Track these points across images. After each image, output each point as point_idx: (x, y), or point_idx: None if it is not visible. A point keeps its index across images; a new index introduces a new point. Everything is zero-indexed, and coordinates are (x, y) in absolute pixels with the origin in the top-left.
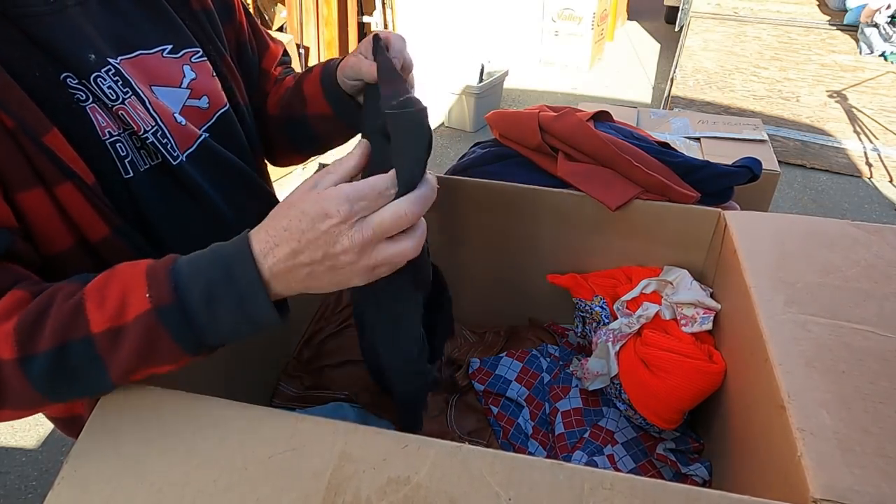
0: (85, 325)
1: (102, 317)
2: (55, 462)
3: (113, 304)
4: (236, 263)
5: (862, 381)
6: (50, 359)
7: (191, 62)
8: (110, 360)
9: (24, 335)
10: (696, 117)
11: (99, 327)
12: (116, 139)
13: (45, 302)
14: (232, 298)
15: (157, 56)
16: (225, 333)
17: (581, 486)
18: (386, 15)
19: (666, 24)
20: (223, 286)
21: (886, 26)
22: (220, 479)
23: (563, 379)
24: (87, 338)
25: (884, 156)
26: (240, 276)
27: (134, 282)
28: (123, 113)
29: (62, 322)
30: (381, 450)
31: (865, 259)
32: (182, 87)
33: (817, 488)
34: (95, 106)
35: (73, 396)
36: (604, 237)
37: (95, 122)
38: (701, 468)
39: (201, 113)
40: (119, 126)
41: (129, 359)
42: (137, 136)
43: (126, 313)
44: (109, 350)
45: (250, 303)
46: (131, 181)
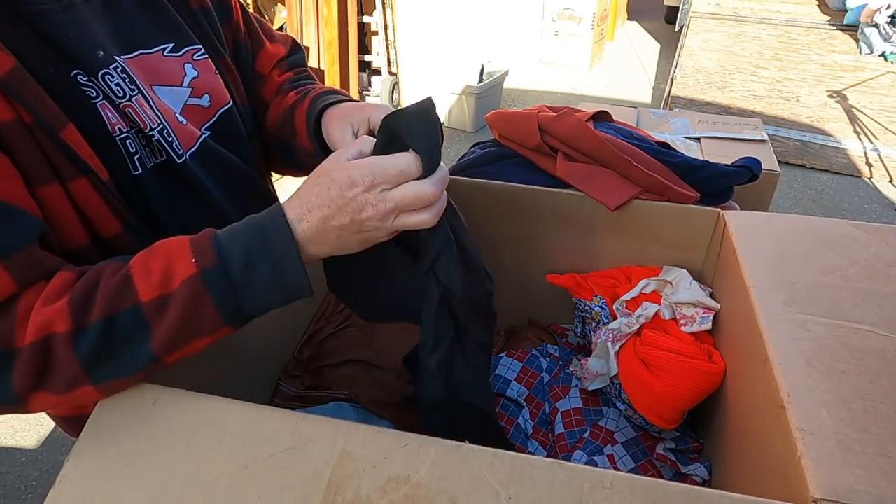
0: (133, 295)
1: (150, 286)
2: (55, 462)
3: (159, 275)
4: (271, 229)
5: (862, 380)
6: (99, 330)
7: (192, 60)
8: (156, 328)
9: (77, 309)
10: (696, 117)
11: (147, 296)
12: (126, 136)
13: (92, 279)
14: (268, 261)
15: (157, 55)
16: (260, 300)
17: (581, 486)
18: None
19: (666, 24)
20: (260, 250)
21: (886, 26)
22: (220, 477)
23: (563, 379)
24: (135, 306)
25: (884, 156)
26: (275, 240)
27: (179, 251)
28: (130, 110)
29: (110, 294)
30: (381, 448)
31: (865, 259)
32: (183, 86)
33: (817, 488)
34: (105, 103)
35: (111, 375)
36: (603, 237)
37: (106, 118)
38: (701, 468)
39: (203, 111)
40: (127, 123)
41: (173, 326)
42: (144, 133)
43: (172, 281)
44: (156, 317)
45: (285, 265)
46: (140, 178)
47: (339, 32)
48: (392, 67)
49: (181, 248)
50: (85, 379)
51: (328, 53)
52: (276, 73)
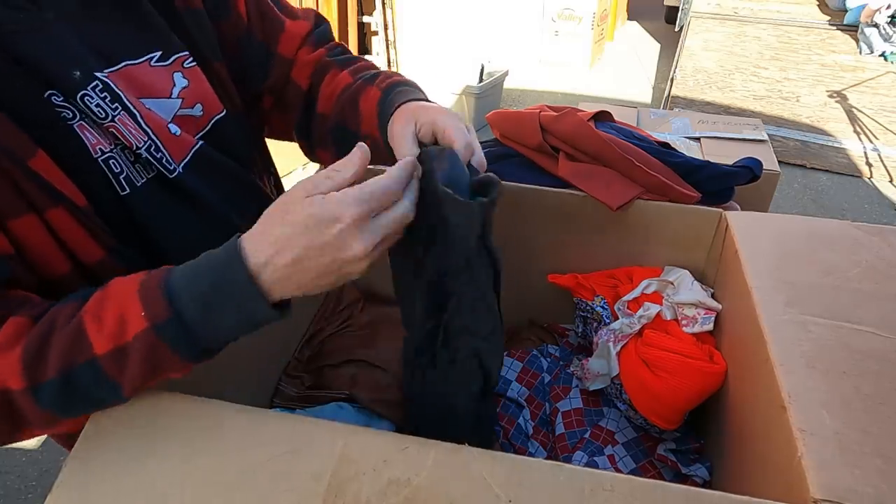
0: (88, 347)
1: (104, 338)
2: (55, 462)
3: (112, 324)
4: (230, 272)
5: (862, 381)
6: (58, 384)
7: (182, 68)
8: (120, 378)
9: (31, 365)
10: (696, 117)
11: (102, 349)
12: (109, 155)
13: (46, 328)
14: (230, 305)
15: (144, 66)
16: (225, 337)
17: (581, 488)
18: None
19: (666, 24)
20: (219, 295)
21: (886, 26)
22: (219, 480)
23: (564, 379)
24: (92, 360)
25: (884, 156)
26: (234, 284)
27: (128, 301)
28: (114, 130)
29: (65, 347)
30: (381, 451)
31: (866, 259)
32: (173, 98)
33: (817, 488)
34: (84, 123)
35: (90, 411)
36: (605, 237)
37: (85, 139)
38: (701, 468)
39: (195, 121)
40: (111, 142)
41: (138, 374)
42: (131, 150)
43: (126, 332)
44: (117, 369)
45: (249, 308)
46: (128, 198)
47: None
48: (392, 67)
49: (130, 297)
50: (63, 416)
51: None
52: (305, 51)
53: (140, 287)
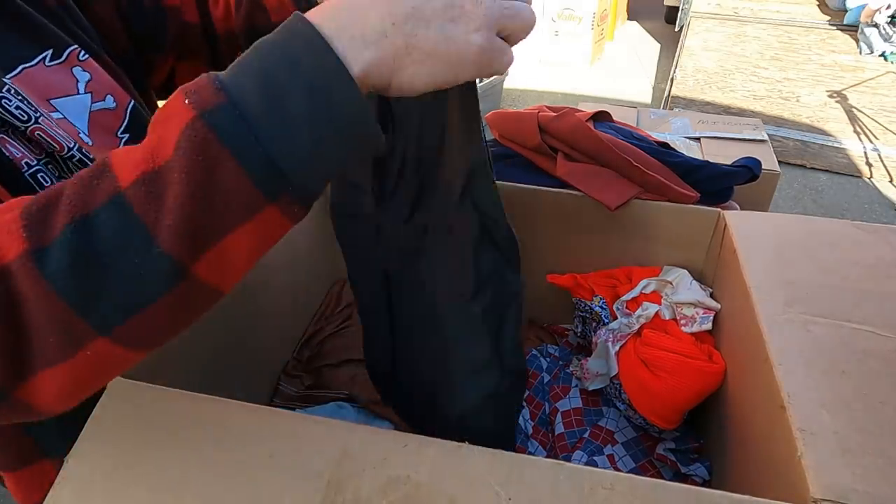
0: (111, 183)
1: (132, 164)
2: None
3: (144, 148)
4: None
5: (862, 381)
6: (71, 240)
7: (79, 62)
8: (152, 216)
9: (34, 219)
10: (696, 117)
11: (129, 178)
12: (37, 169)
13: (53, 190)
14: (297, 81)
15: (40, 66)
16: (303, 145)
17: (581, 486)
18: None
19: (666, 24)
20: (284, 69)
21: (886, 26)
22: (220, 478)
23: (563, 379)
24: (115, 197)
25: (884, 156)
26: (300, 49)
27: (165, 111)
28: (40, 133)
29: (79, 191)
30: (381, 449)
31: (865, 259)
32: (81, 93)
33: (817, 488)
34: (4, 136)
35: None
36: (603, 237)
37: (9, 154)
38: (701, 468)
39: (112, 114)
40: (37, 153)
41: (180, 206)
42: (62, 157)
43: (163, 148)
44: (148, 202)
45: (325, 82)
46: None
47: None
48: None
49: (168, 104)
50: (82, 324)
51: None
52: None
53: (182, 88)
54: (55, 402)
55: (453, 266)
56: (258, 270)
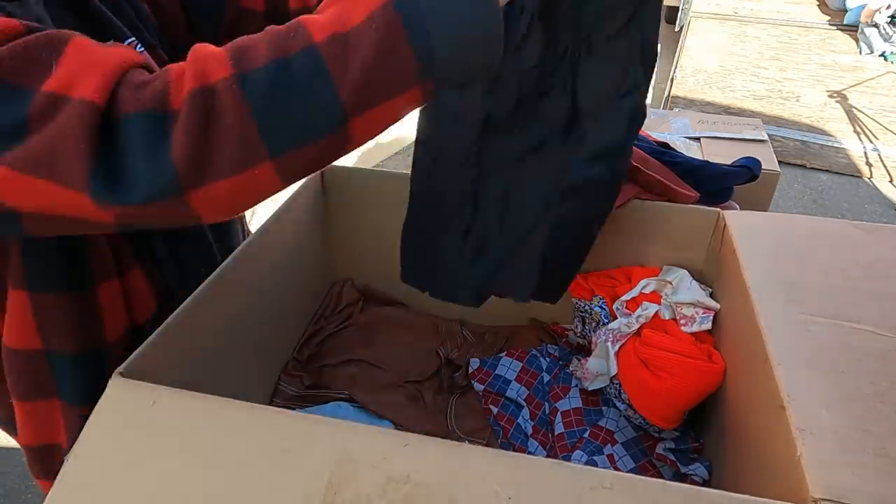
0: (306, 37)
1: (323, 26)
2: None
3: (333, 15)
4: None
5: (862, 380)
6: (270, 72)
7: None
8: (340, 68)
9: (238, 53)
10: (696, 117)
11: (322, 35)
12: None
13: (255, 37)
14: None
15: None
16: (452, 38)
17: (581, 486)
18: None
19: (666, 24)
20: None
21: (886, 26)
22: (219, 477)
23: (563, 379)
24: (310, 48)
25: (884, 156)
26: None
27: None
28: None
29: (278, 38)
30: (381, 448)
31: (865, 259)
32: None
33: (817, 488)
34: None
35: (292, 139)
36: (603, 237)
37: None
38: (700, 468)
39: None
40: None
41: (364, 67)
42: None
43: (352, 17)
44: (337, 58)
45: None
46: None
47: None
48: None
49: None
50: (261, 146)
51: None
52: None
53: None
54: (212, 212)
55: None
56: (258, 270)
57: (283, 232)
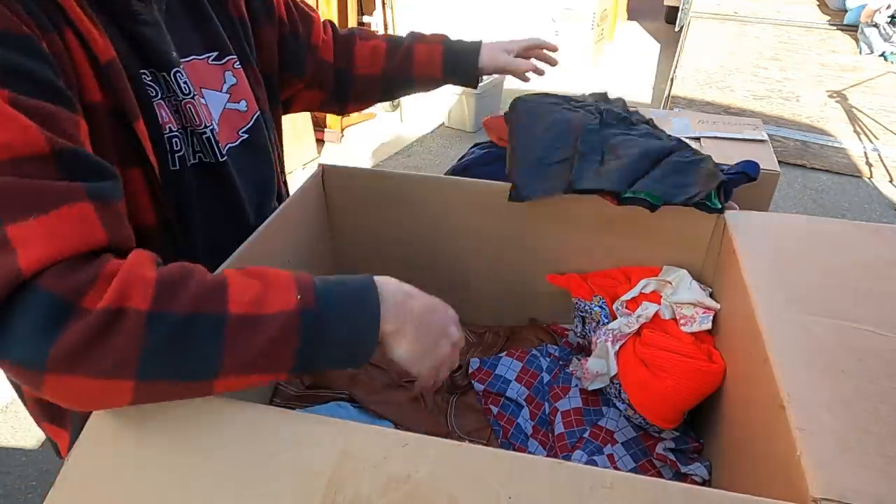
0: (223, 302)
1: (242, 301)
2: (55, 462)
3: (253, 294)
4: (365, 300)
5: (862, 380)
6: (178, 322)
7: (233, 68)
8: (233, 345)
9: (164, 290)
10: (696, 117)
11: (237, 309)
12: (174, 134)
13: (185, 269)
14: (355, 322)
15: (204, 62)
16: (330, 358)
17: (581, 486)
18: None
19: (666, 24)
20: (353, 309)
21: (886, 26)
22: (220, 477)
23: (563, 379)
24: (221, 315)
25: (884, 156)
26: (366, 307)
27: (280, 281)
28: (190, 107)
29: (204, 292)
30: (381, 448)
31: (865, 259)
32: (223, 92)
33: (817, 488)
34: (162, 102)
35: (162, 374)
36: (603, 237)
37: (159, 116)
38: (700, 468)
39: (240, 115)
40: (178, 122)
41: (250, 353)
42: (196, 131)
43: (266, 306)
44: (237, 335)
45: (365, 334)
46: (177, 173)
47: None
48: None
49: (285, 279)
50: (133, 369)
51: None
52: (324, 34)
53: (294, 275)
54: (58, 398)
55: None
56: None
57: (284, 232)
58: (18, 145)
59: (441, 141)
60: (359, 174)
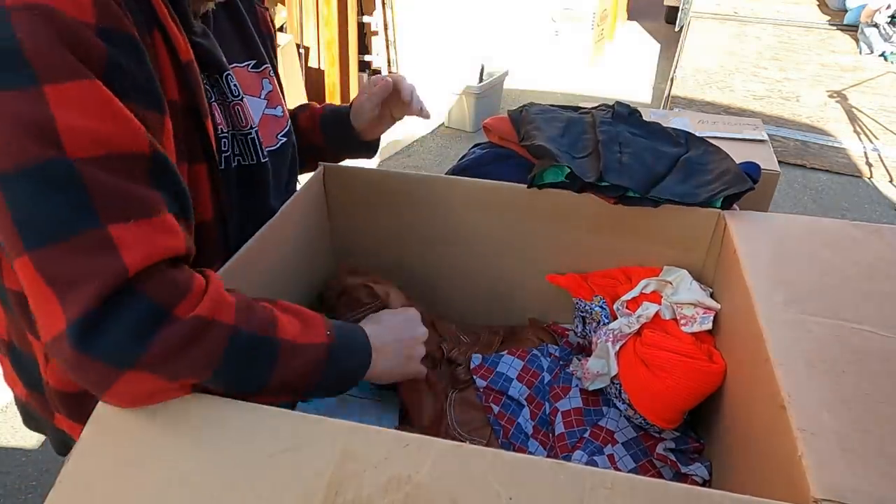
0: (275, 329)
1: (289, 331)
2: (55, 462)
3: (297, 327)
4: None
5: (862, 380)
6: (252, 341)
7: (268, 76)
8: (283, 367)
9: (242, 312)
10: (696, 117)
11: (285, 335)
12: (224, 136)
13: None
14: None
15: (245, 69)
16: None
17: (581, 486)
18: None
19: (666, 24)
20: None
21: (886, 26)
22: (221, 477)
23: (564, 379)
24: (276, 339)
25: (884, 156)
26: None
27: (312, 317)
28: (239, 108)
29: (264, 318)
30: (382, 448)
31: (865, 259)
32: (261, 98)
33: (818, 488)
34: (215, 104)
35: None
36: (603, 237)
37: (215, 119)
38: (701, 468)
39: (277, 121)
40: (229, 124)
41: (292, 374)
42: (242, 132)
43: (304, 336)
44: (287, 359)
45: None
46: (223, 173)
47: (339, 32)
48: (392, 67)
49: (314, 315)
50: (207, 375)
51: (328, 53)
52: None
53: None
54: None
55: None
56: (260, 270)
57: (285, 231)
58: (121, 141)
59: (441, 141)
60: (360, 174)
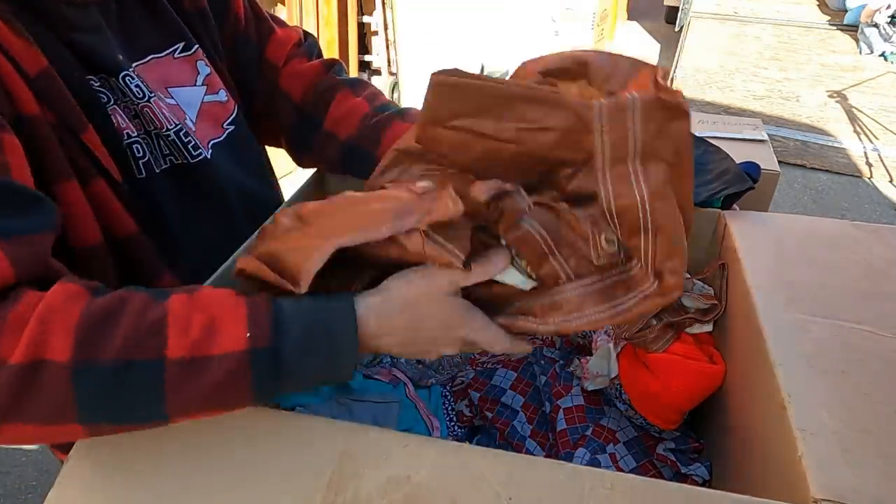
0: (159, 346)
1: (183, 343)
2: (55, 462)
3: (198, 332)
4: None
5: (862, 381)
6: (108, 373)
7: (204, 58)
8: (176, 391)
9: (87, 338)
10: (696, 117)
11: (176, 353)
12: (134, 140)
13: (114, 306)
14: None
15: (168, 58)
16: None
17: (581, 486)
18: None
19: (666, 24)
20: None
21: (886, 26)
22: (220, 477)
23: (565, 378)
24: (158, 361)
25: (884, 156)
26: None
27: (231, 314)
28: (148, 110)
29: (136, 334)
30: (381, 449)
31: (865, 259)
32: (198, 85)
33: (818, 488)
34: (116, 108)
35: (108, 419)
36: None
37: (115, 123)
38: (701, 468)
39: (222, 106)
40: (139, 127)
41: (198, 395)
42: (160, 134)
43: (212, 345)
44: (178, 381)
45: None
46: (145, 181)
47: (339, 32)
48: (392, 67)
49: (235, 311)
50: (74, 416)
51: (328, 53)
52: (297, 61)
53: (248, 304)
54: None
55: None
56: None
57: None
58: None
59: None
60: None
